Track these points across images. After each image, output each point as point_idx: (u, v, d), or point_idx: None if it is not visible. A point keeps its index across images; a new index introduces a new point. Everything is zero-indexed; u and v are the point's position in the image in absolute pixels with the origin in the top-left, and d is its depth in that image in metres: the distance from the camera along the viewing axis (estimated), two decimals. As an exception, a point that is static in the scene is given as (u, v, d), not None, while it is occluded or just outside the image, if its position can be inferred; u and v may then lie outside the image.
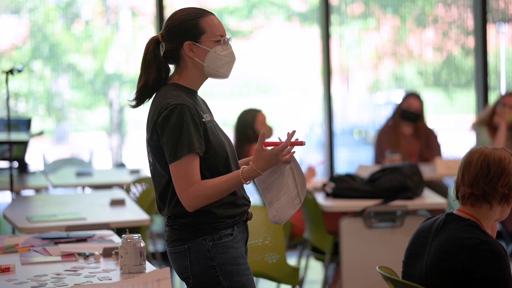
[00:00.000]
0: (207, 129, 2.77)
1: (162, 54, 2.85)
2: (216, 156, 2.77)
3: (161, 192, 2.80)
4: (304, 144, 2.77)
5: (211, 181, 2.73)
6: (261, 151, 2.73)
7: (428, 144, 6.57)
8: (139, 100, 2.89)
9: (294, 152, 2.80)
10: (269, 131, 5.63)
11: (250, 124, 5.57)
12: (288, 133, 2.76)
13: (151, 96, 2.88)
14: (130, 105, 2.92)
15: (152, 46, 2.85)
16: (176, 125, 2.70)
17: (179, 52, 2.83)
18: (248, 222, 2.92)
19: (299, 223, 5.48)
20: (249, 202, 2.90)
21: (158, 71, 2.84)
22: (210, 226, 2.77)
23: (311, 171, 5.84)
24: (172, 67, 2.89)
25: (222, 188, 2.73)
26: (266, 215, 3.78)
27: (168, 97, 2.76)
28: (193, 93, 2.85)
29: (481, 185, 2.71)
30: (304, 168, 7.80)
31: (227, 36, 2.87)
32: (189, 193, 2.70)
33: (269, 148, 2.76)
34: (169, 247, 2.83)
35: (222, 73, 2.84)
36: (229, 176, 2.74)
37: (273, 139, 2.93)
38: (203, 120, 2.78)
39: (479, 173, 2.71)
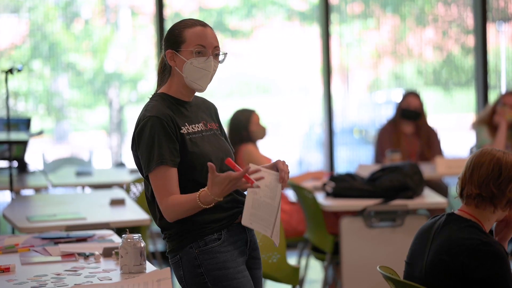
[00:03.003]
0: (185, 141, 2.77)
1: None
2: (192, 168, 2.76)
3: (149, 201, 2.84)
4: (256, 187, 2.65)
5: (179, 199, 2.72)
6: (214, 178, 2.65)
7: (429, 143, 6.56)
8: None
9: (255, 185, 2.65)
10: (263, 131, 5.61)
11: (245, 124, 5.54)
12: (249, 167, 2.64)
13: None
14: None
15: (162, 58, 2.90)
16: (149, 138, 2.73)
17: (168, 62, 2.86)
18: None
19: (287, 225, 5.45)
20: (244, 203, 2.85)
21: (159, 81, 2.93)
22: (194, 233, 2.77)
23: (319, 174, 5.82)
24: None
25: (185, 207, 2.72)
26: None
27: (147, 109, 2.80)
28: (181, 103, 2.85)
29: (490, 187, 2.71)
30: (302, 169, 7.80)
31: (220, 51, 2.84)
32: (162, 205, 2.74)
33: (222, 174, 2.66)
34: (169, 257, 2.87)
35: (200, 85, 2.83)
36: (191, 197, 2.71)
37: (266, 139, 2.84)
38: (182, 131, 2.77)
39: (490, 175, 2.71)
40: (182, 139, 2.77)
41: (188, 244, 2.78)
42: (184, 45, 2.80)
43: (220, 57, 2.85)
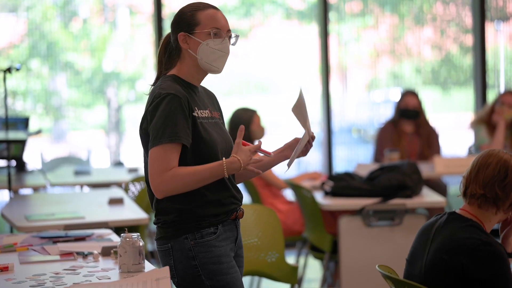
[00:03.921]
0: (196, 124, 2.76)
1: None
2: (200, 153, 2.75)
3: (148, 183, 2.78)
4: (271, 155, 2.84)
5: (190, 167, 2.70)
6: (240, 145, 2.73)
7: (429, 142, 6.56)
8: None
9: (271, 156, 2.87)
10: (262, 132, 5.61)
11: (246, 124, 5.53)
12: (260, 141, 2.77)
13: None
14: None
15: (165, 42, 2.89)
16: (163, 112, 2.70)
17: (178, 44, 2.83)
18: (241, 221, 2.91)
19: (282, 225, 5.44)
20: (240, 200, 2.88)
21: (164, 67, 2.89)
22: (191, 225, 2.75)
23: (315, 175, 5.82)
24: None
25: (201, 175, 2.70)
26: (259, 214, 3.78)
27: (162, 87, 2.76)
28: (191, 87, 2.84)
29: (495, 189, 2.71)
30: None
31: (232, 33, 2.85)
32: (164, 177, 2.68)
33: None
34: (156, 245, 2.85)
35: (215, 67, 2.82)
36: (212, 165, 2.72)
37: (264, 140, 2.94)
38: (194, 114, 2.76)
39: (496, 177, 2.72)
40: (194, 121, 2.75)
41: (184, 234, 2.76)
42: (198, 27, 2.79)
43: (232, 40, 2.86)
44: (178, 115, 2.70)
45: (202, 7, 2.82)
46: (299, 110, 2.86)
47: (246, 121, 5.54)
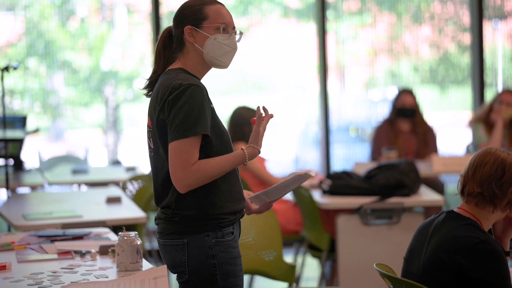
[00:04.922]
0: (214, 115, 2.74)
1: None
2: (222, 145, 2.73)
3: (164, 179, 2.72)
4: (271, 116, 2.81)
5: (213, 160, 2.68)
6: (259, 133, 2.75)
7: (425, 141, 6.56)
8: (151, 88, 2.85)
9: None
10: None
11: (248, 122, 5.53)
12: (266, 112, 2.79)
13: None
14: (144, 94, 2.87)
15: (164, 36, 2.85)
16: (188, 104, 2.64)
17: (183, 38, 2.79)
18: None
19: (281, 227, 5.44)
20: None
21: (166, 61, 2.84)
22: (214, 223, 2.71)
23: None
24: None
25: (225, 168, 2.70)
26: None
27: (179, 78, 2.70)
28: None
29: (492, 187, 2.71)
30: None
31: (237, 30, 2.84)
32: (188, 171, 2.63)
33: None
34: (164, 239, 2.76)
35: (222, 62, 2.80)
36: (232, 156, 2.71)
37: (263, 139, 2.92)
38: (211, 106, 2.75)
39: (493, 175, 2.71)
40: (213, 113, 2.74)
41: (206, 231, 2.71)
42: (206, 22, 2.77)
43: (237, 37, 2.84)
44: (203, 107, 2.66)
45: (209, 1, 2.81)
46: (291, 184, 2.89)
47: (248, 119, 5.52)
